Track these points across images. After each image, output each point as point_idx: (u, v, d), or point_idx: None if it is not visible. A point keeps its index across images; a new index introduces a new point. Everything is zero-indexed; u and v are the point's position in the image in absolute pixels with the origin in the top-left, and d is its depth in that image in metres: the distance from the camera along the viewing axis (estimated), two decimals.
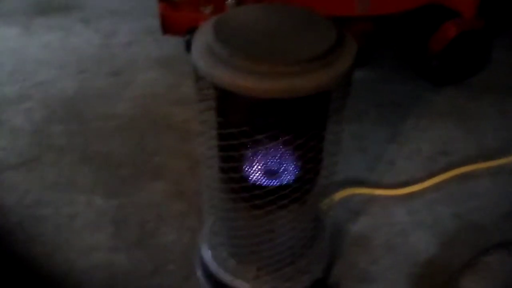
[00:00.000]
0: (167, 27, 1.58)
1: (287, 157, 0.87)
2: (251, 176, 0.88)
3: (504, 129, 1.57)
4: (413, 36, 1.72)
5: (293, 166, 0.88)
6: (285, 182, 0.89)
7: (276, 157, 0.87)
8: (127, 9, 2.17)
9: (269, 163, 0.87)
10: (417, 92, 1.71)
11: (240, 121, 0.82)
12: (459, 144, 1.51)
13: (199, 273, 1.12)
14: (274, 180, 0.88)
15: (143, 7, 2.12)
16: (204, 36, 0.81)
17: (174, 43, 1.82)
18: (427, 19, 1.67)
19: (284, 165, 0.88)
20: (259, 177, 0.88)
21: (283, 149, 0.86)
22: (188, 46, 1.47)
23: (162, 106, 1.63)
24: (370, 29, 1.65)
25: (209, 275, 1.08)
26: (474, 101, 1.68)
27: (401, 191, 1.34)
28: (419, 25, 1.69)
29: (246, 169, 0.88)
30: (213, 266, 1.06)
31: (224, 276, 1.04)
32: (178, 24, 1.55)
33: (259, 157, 0.87)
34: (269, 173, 0.88)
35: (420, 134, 1.54)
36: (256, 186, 0.88)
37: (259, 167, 0.88)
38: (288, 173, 0.88)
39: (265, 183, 0.89)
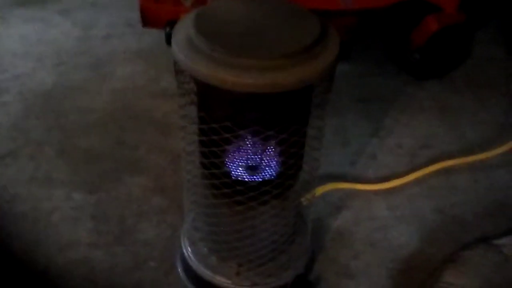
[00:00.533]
0: (147, 20, 1.56)
1: (269, 152, 0.86)
2: (232, 172, 0.87)
3: (485, 123, 1.57)
4: (395, 30, 1.72)
5: (275, 161, 0.87)
6: (267, 177, 0.88)
7: (258, 152, 0.86)
8: (106, 1, 2.14)
9: (251, 158, 0.86)
10: (399, 86, 1.71)
11: (222, 116, 0.81)
12: (441, 138, 1.52)
13: (179, 269, 1.11)
14: (256, 176, 0.87)
15: None
16: (184, 28, 0.80)
17: (154, 35, 1.80)
18: (409, 13, 1.67)
19: (266, 160, 0.87)
20: (241, 172, 0.87)
21: (265, 144, 0.85)
22: (168, 39, 1.45)
23: (142, 100, 1.61)
24: (353, 23, 1.65)
25: (190, 271, 1.07)
26: (456, 95, 1.68)
27: (382, 186, 1.34)
28: (401, 19, 1.69)
29: (228, 164, 0.87)
30: (194, 262, 1.05)
31: (205, 272, 1.03)
32: (158, 16, 1.53)
33: (241, 152, 0.85)
34: (251, 168, 0.87)
35: (402, 128, 1.54)
36: (237, 182, 0.87)
37: (241, 162, 0.87)
38: (270, 169, 0.87)
39: (247, 178, 0.88)
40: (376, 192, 1.33)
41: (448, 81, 1.74)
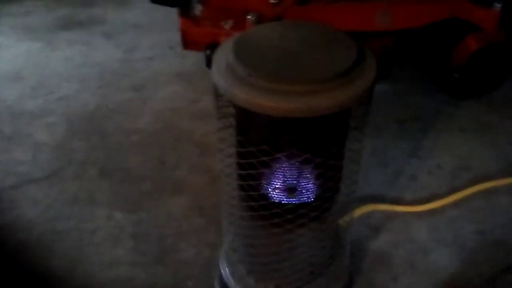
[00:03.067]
0: (188, 42, 1.59)
1: (306, 175, 0.87)
2: (270, 194, 0.88)
3: None
4: (434, 49, 1.71)
5: (312, 184, 0.88)
6: (304, 200, 0.88)
7: (295, 175, 0.86)
8: (147, 24, 2.19)
9: (288, 181, 0.87)
10: (438, 106, 1.69)
11: (260, 139, 0.82)
12: (481, 159, 1.49)
13: None
14: (293, 199, 0.88)
15: (163, 21, 2.13)
16: (224, 54, 0.82)
17: (194, 58, 1.84)
18: (449, 33, 1.66)
19: (303, 183, 0.87)
20: (278, 195, 0.88)
21: (302, 167, 0.85)
22: (208, 61, 1.47)
23: (183, 121, 1.64)
24: (391, 44, 1.65)
25: None
26: (496, 115, 1.66)
27: (422, 208, 1.32)
28: (441, 38, 1.68)
29: (265, 187, 0.88)
30: (232, 283, 1.06)
31: None
32: (198, 39, 1.56)
33: (278, 175, 0.86)
34: (288, 191, 0.88)
35: (441, 148, 1.53)
36: (275, 204, 0.88)
37: (278, 185, 0.87)
38: (308, 191, 0.88)
39: (284, 201, 0.88)
40: (415, 214, 1.31)
41: (487, 100, 1.72)
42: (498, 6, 1.57)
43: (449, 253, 1.23)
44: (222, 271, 1.09)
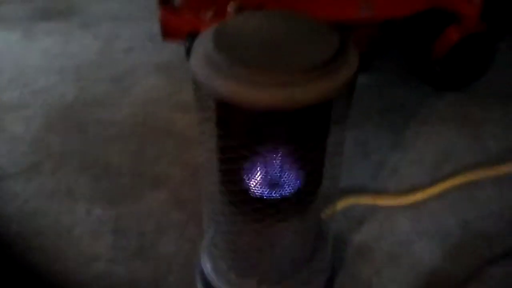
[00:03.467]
0: (168, 33, 1.56)
1: (288, 168, 0.85)
2: (252, 189, 0.86)
3: (508, 135, 1.55)
4: (416, 40, 1.71)
5: (294, 178, 0.86)
6: (286, 194, 0.87)
7: (277, 169, 0.85)
8: (126, 14, 2.16)
9: (270, 175, 0.85)
10: (420, 98, 1.69)
11: (240, 133, 0.80)
12: (463, 150, 1.49)
13: (199, 285, 1.10)
14: (275, 193, 0.86)
15: (143, 12, 2.10)
16: (203, 44, 0.79)
17: (174, 48, 1.81)
18: (430, 24, 1.65)
19: (285, 177, 0.86)
20: (260, 189, 0.86)
21: (284, 161, 0.84)
22: (188, 52, 1.45)
23: (162, 113, 1.62)
24: (375, 34, 1.64)
25: None
26: (478, 106, 1.66)
27: (404, 200, 1.32)
28: (422, 29, 1.67)
29: (247, 181, 0.86)
30: (213, 279, 1.04)
31: None
32: (178, 29, 1.53)
33: (260, 169, 0.85)
34: (270, 185, 0.86)
35: (423, 140, 1.53)
36: (256, 199, 0.86)
37: (260, 179, 0.86)
38: (289, 185, 0.86)
39: (266, 195, 0.87)
40: (398, 207, 1.31)
41: (469, 92, 1.72)
42: None
43: (432, 246, 1.22)
44: (203, 266, 1.07)
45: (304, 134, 0.80)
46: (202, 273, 1.08)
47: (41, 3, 2.25)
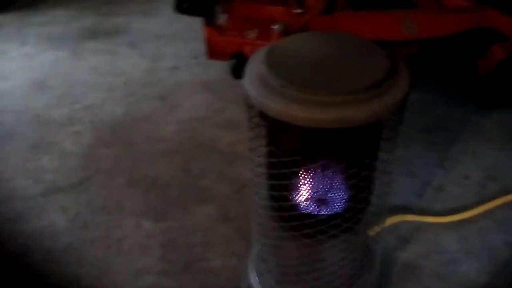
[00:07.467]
0: (212, 52, 1.60)
1: (338, 186, 0.86)
2: (301, 205, 0.88)
3: None
4: (461, 58, 1.70)
5: (344, 195, 0.87)
6: (336, 211, 0.88)
7: (327, 186, 0.86)
8: (172, 33, 2.21)
9: (320, 192, 0.87)
10: (465, 116, 1.68)
11: (291, 150, 0.82)
12: (509, 168, 1.48)
13: None
14: (324, 209, 0.88)
15: (188, 31, 2.15)
16: (256, 64, 0.82)
17: (218, 67, 1.84)
18: (475, 42, 1.65)
19: (335, 194, 0.87)
20: (309, 206, 0.88)
21: (333, 178, 0.85)
22: (233, 71, 1.48)
23: (208, 130, 1.65)
24: (415, 52, 1.64)
25: None
26: None
27: (451, 218, 1.31)
28: (467, 47, 1.67)
29: (296, 197, 0.88)
30: None
31: None
32: (223, 48, 1.57)
33: (310, 185, 0.86)
34: (320, 202, 0.88)
35: (468, 158, 1.52)
36: (305, 215, 0.87)
37: (309, 196, 0.87)
38: (339, 202, 0.88)
39: (315, 212, 0.88)
40: (444, 225, 1.30)
41: None
42: None
43: (479, 265, 1.21)
44: (250, 280, 1.09)
45: (354, 152, 0.81)
46: (249, 287, 1.09)
47: (87, 23, 2.33)
